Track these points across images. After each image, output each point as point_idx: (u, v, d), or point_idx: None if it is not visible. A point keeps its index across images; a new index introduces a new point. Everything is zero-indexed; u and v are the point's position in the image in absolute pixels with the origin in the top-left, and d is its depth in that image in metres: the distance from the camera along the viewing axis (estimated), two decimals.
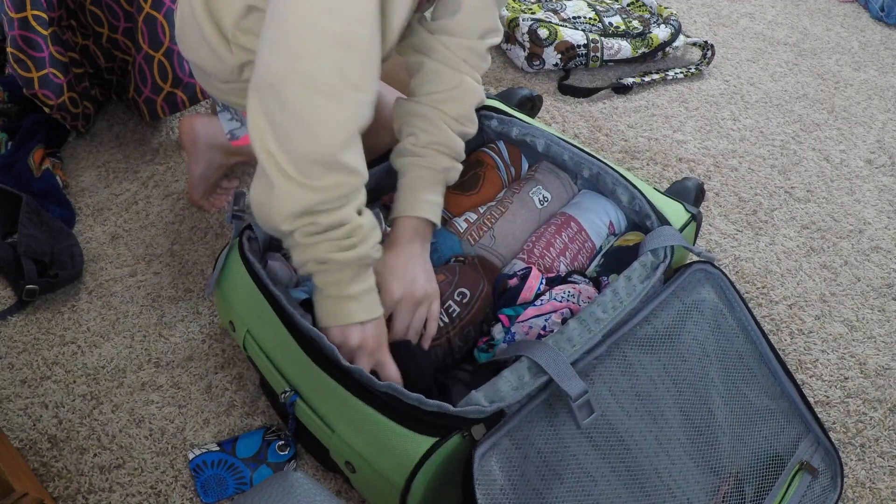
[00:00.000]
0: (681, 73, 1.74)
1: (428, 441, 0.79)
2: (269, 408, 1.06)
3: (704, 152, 1.55)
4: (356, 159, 0.82)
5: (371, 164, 1.10)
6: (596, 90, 1.66)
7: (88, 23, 1.37)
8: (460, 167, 1.02)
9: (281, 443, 1.00)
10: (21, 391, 1.07)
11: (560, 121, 1.59)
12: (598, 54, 1.71)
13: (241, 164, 1.36)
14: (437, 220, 0.99)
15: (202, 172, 1.27)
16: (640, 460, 0.83)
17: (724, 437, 0.90)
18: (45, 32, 1.27)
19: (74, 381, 1.09)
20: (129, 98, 1.40)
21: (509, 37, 1.74)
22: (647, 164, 1.50)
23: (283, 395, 0.90)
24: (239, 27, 0.97)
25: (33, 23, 1.25)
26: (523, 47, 1.70)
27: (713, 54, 1.76)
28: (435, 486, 0.81)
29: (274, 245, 1.02)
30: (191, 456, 0.98)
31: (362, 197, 0.85)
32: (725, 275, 0.96)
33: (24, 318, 1.16)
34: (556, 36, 1.67)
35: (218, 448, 0.99)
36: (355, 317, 0.85)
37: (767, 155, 1.56)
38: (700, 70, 1.76)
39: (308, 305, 0.92)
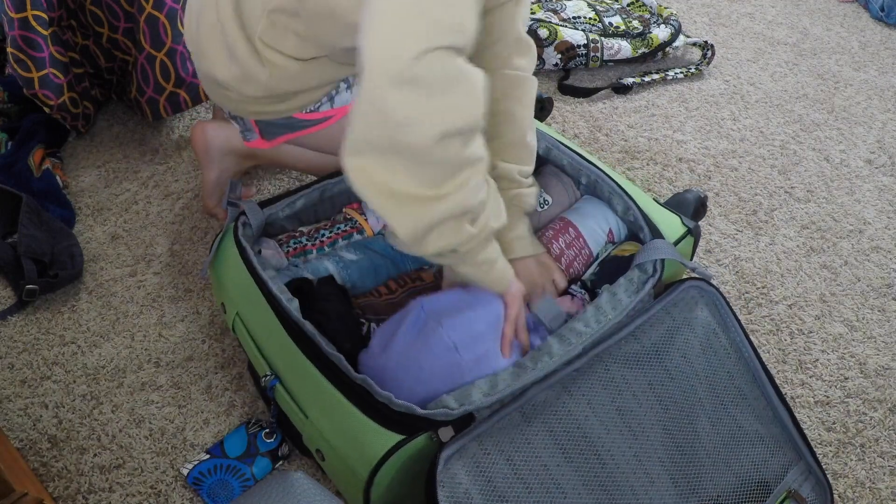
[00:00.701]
0: (681, 73, 1.74)
1: (394, 437, 0.79)
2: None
3: (704, 152, 1.55)
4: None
5: None
6: (596, 90, 1.66)
7: (88, 23, 1.37)
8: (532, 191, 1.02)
9: (266, 430, 1.01)
10: (21, 391, 1.07)
11: (560, 121, 1.59)
12: (598, 54, 1.71)
13: (254, 168, 1.36)
14: (526, 252, 1.00)
15: (216, 179, 1.25)
16: (615, 476, 0.82)
17: (708, 459, 0.88)
18: (45, 32, 1.27)
19: (74, 381, 1.09)
20: (132, 98, 1.40)
21: None
22: (647, 164, 1.50)
23: (264, 379, 0.91)
24: (262, 40, 0.94)
25: (33, 23, 1.25)
26: None
27: (713, 54, 1.76)
28: (399, 483, 0.81)
29: (267, 232, 1.03)
30: (185, 471, 0.98)
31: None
32: (721, 294, 0.95)
33: (24, 318, 1.16)
34: (556, 36, 1.67)
35: (208, 455, 0.99)
36: (509, 273, 0.90)
37: (767, 155, 1.56)
38: (700, 70, 1.76)
39: (295, 287, 0.93)
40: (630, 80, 1.69)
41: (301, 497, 0.59)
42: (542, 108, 1.34)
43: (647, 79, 1.70)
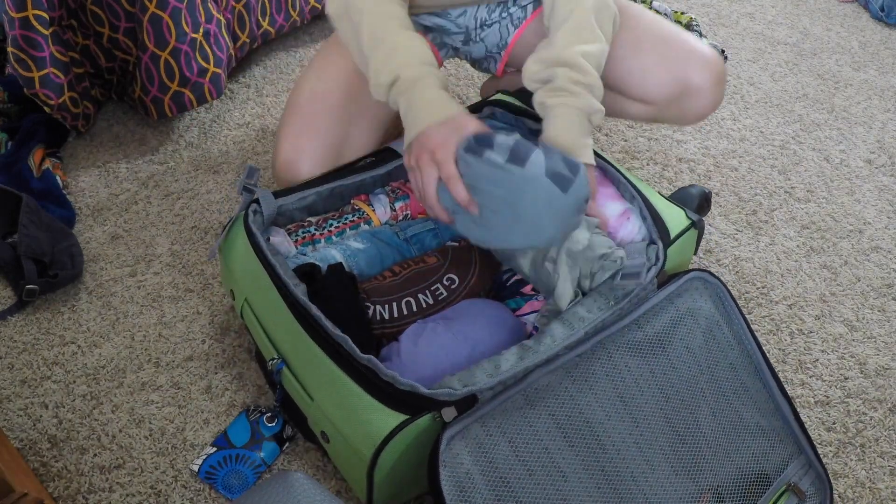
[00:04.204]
0: None
1: (398, 417, 0.80)
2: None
3: (704, 152, 1.55)
4: None
5: (375, 164, 1.11)
6: None
7: (89, 22, 1.37)
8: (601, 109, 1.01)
9: (267, 415, 1.01)
10: (21, 391, 1.07)
11: None
12: None
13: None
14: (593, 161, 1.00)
15: None
16: (615, 462, 0.83)
17: (709, 449, 0.88)
18: (45, 32, 1.27)
19: (74, 381, 1.09)
20: (136, 97, 1.40)
21: None
22: (647, 164, 1.50)
23: (270, 363, 0.92)
24: None
25: (34, 22, 1.25)
26: None
27: (725, 61, 1.75)
28: (402, 463, 0.82)
29: (276, 222, 1.04)
30: (195, 467, 0.97)
31: None
32: (725, 285, 0.95)
33: (24, 318, 1.16)
34: None
35: (215, 448, 0.99)
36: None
37: (767, 155, 1.56)
38: None
39: (303, 273, 0.94)
40: None
41: (301, 497, 0.59)
42: None
43: None
